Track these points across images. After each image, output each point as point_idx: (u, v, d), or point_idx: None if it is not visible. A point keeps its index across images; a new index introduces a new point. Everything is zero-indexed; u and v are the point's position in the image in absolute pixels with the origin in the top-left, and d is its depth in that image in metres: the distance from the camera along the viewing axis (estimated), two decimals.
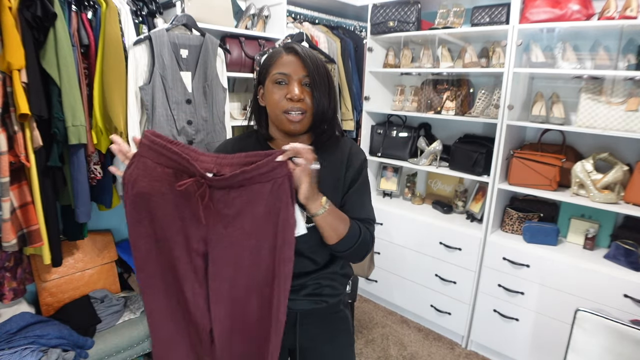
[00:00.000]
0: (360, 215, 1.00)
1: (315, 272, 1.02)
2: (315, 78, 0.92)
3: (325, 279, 1.04)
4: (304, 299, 1.03)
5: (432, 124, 2.64)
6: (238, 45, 2.12)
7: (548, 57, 1.93)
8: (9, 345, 1.42)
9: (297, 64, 0.92)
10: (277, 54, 0.95)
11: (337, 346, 1.10)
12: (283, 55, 0.94)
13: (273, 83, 0.94)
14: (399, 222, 2.46)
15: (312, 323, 1.06)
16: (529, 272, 1.96)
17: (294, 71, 0.92)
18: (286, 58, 0.93)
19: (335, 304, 1.09)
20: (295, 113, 0.93)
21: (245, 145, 1.03)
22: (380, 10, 2.40)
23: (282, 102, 0.93)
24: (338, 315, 1.11)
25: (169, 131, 1.73)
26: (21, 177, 1.43)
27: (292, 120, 0.93)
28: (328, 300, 1.06)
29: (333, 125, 1.00)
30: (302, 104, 0.93)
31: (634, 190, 1.75)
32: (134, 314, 1.87)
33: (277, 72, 0.93)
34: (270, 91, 0.94)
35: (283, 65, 0.93)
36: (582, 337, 1.47)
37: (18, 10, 1.29)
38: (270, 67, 0.95)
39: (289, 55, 0.93)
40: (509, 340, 2.07)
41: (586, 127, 1.85)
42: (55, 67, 1.39)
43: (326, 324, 1.09)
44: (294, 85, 0.92)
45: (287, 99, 0.92)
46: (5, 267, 1.59)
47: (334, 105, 0.98)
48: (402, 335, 2.38)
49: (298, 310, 1.04)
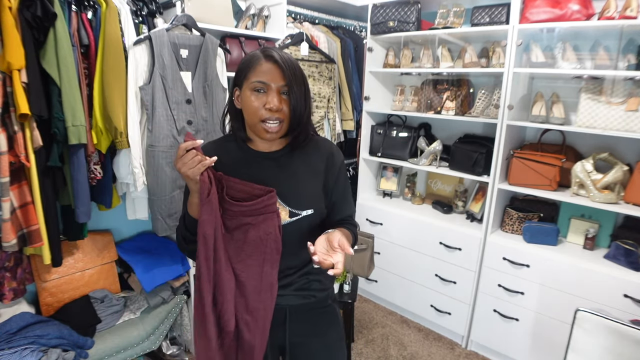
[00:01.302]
0: (347, 212, 1.11)
1: (303, 268, 1.05)
2: (293, 87, 0.93)
3: (312, 274, 1.07)
4: (293, 294, 1.05)
5: (432, 124, 2.64)
6: (238, 45, 2.12)
7: (548, 57, 1.93)
8: (9, 345, 1.42)
9: (276, 72, 0.92)
10: (256, 59, 0.94)
11: (327, 340, 1.12)
12: (262, 62, 0.93)
13: (251, 90, 0.94)
14: (399, 222, 2.46)
15: (302, 318, 1.08)
16: (529, 272, 1.96)
17: (273, 80, 0.92)
18: (265, 66, 0.93)
19: (323, 299, 1.11)
20: (272, 123, 0.94)
21: (225, 148, 1.04)
22: (380, 10, 2.40)
23: (261, 111, 0.93)
24: (327, 309, 1.13)
25: (169, 131, 1.73)
26: (21, 177, 1.43)
27: (269, 130, 0.94)
28: (316, 295, 1.09)
29: (307, 127, 1.01)
30: (280, 113, 0.94)
31: (634, 190, 1.75)
32: (134, 314, 1.87)
33: (256, 80, 0.93)
34: (249, 98, 0.94)
35: (262, 73, 0.93)
36: (582, 337, 1.47)
37: (18, 10, 1.29)
38: (249, 72, 0.94)
39: (267, 62, 0.93)
40: (509, 340, 2.07)
41: (586, 127, 1.85)
42: (55, 67, 1.39)
43: (315, 318, 1.11)
44: (273, 95, 0.92)
45: (266, 108, 0.93)
46: (5, 267, 1.59)
47: (309, 109, 1.00)
48: (402, 335, 2.38)
49: (287, 305, 1.05)
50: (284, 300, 1.04)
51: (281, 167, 1.02)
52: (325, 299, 1.13)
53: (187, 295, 2.04)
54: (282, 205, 0.99)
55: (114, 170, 1.72)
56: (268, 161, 1.02)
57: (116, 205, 1.78)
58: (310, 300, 1.08)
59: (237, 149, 1.04)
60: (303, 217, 1.00)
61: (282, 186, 0.99)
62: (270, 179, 0.99)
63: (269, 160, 1.02)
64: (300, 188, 1.01)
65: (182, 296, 2.00)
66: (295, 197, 1.00)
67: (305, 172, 1.03)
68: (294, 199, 1.00)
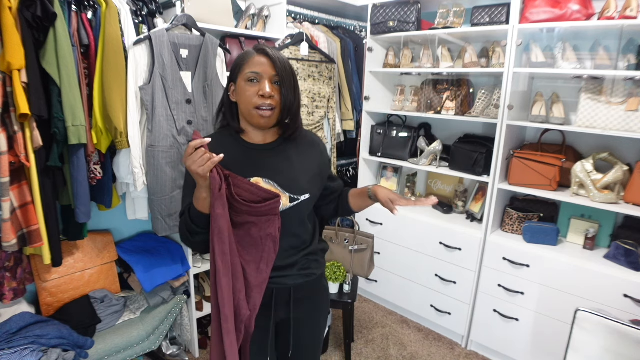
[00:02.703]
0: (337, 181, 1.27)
1: (303, 249, 1.14)
2: (283, 77, 1.03)
3: (311, 254, 1.16)
4: (297, 274, 1.14)
5: (432, 124, 2.64)
6: (238, 45, 2.12)
7: (548, 57, 1.93)
8: (9, 345, 1.42)
9: (268, 64, 1.02)
10: (250, 54, 1.05)
11: (319, 314, 1.25)
12: (255, 57, 1.03)
13: (246, 81, 1.03)
14: (399, 222, 2.46)
15: (303, 295, 1.17)
16: (529, 272, 1.96)
17: (265, 71, 1.02)
18: (258, 59, 1.03)
19: (320, 276, 1.23)
20: (265, 109, 1.03)
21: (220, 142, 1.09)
22: (380, 10, 2.40)
23: (255, 98, 1.02)
24: (322, 286, 1.26)
25: (169, 131, 1.73)
26: (21, 177, 1.43)
27: (262, 116, 1.03)
28: (316, 273, 1.18)
29: (296, 119, 1.11)
30: (272, 100, 1.02)
31: (634, 190, 1.75)
32: (134, 314, 1.87)
33: (249, 71, 1.02)
34: (243, 88, 1.03)
35: (255, 65, 1.02)
36: (582, 337, 1.47)
37: (18, 10, 1.29)
38: (243, 66, 1.04)
39: (260, 56, 1.03)
40: (509, 340, 2.07)
41: (586, 127, 1.85)
42: (55, 67, 1.39)
43: (313, 294, 1.21)
44: (265, 83, 1.02)
45: (259, 95, 1.02)
46: (5, 267, 1.59)
47: (298, 101, 1.09)
48: (402, 335, 2.38)
49: (292, 285, 1.13)
50: (289, 280, 1.12)
51: (278, 156, 1.10)
52: (321, 277, 1.24)
53: (187, 295, 2.04)
54: (283, 192, 1.06)
55: (114, 170, 1.72)
56: (265, 152, 1.10)
57: (116, 205, 1.78)
58: (311, 278, 1.17)
59: (234, 143, 1.10)
60: (302, 201, 1.08)
61: (282, 174, 1.07)
62: (269, 168, 1.07)
63: (266, 151, 1.10)
64: (297, 175, 1.09)
65: (182, 296, 2.00)
66: (294, 183, 1.08)
67: (299, 160, 1.12)
68: (292, 185, 1.07)
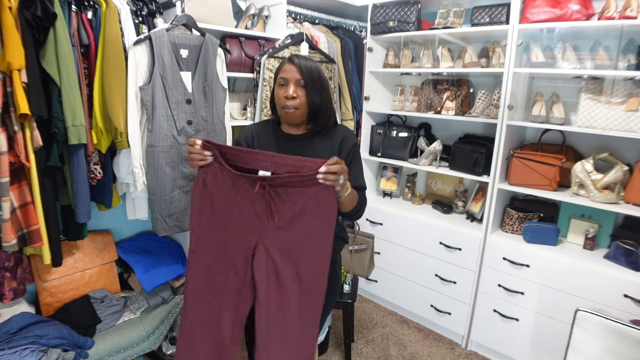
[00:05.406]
0: (356, 184, 1.29)
1: None
2: (307, 81, 1.24)
3: None
4: None
5: (432, 124, 2.64)
6: (238, 45, 2.12)
7: (548, 57, 1.93)
8: (9, 345, 1.42)
9: (294, 70, 1.24)
10: (283, 64, 1.28)
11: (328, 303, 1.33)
12: (285, 64, 1.27)
13: (278, 85, 1.28)
14: (399, 222, 2.46)
15: None
16: (529, 272, 1.96)
17: (291, 76, 1.24)
18: (287, 66, 1.26)
19: (335, 260, 1.37)
20: (289, 109, 1.25)
21: (264, 129, 1.38)
22: (380, 10, 2.40)
23: (282, 100, 1.26)
24: (335, 271, 1.41)
25: (169, 131, 1.73)
26: (21, 177, 1.43)
27: (288, 114, 1.26)
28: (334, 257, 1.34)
29: (326, 117, 1.30)
30: (294, 101, 1.24)
31: (634, 190, 1.75)
32: (133, 314, 1.87)
33: (280, 76, 1.27)
34: (276, 91, 1.29)
35: (284, 72, 1.26)
36: (582, 337, 1.47)
37: (18, 10, 1.29)
38: (278, 73, 1.29)
39: (289, 64, 1.26)
40: (509, 340, 2.07)
41: (586, 127, 1.85)
42: (55, 67, 1.39)
43: None
44: (290, 87, 1.24)
45: (284, 97, 1.25)
46: (5, 267, 1.59)
47: (327, 101, 1.29)
48: (402, 335, 2.38)
49: None
50: None
51: (302, 146, 1.31)
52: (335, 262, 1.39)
53: None
54: None
55: (114, 170, 1.72)
56: (294, 142, 1.33)
57: (116, 205, 1.78)
58: None
59: (272, 130, 1.37)
60: None
61: None
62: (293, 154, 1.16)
63: (295, 142, 1.33)
64: None
65: (182, 296, 2.00)
66: None
67: (321, 149, 1.30)
68: None
